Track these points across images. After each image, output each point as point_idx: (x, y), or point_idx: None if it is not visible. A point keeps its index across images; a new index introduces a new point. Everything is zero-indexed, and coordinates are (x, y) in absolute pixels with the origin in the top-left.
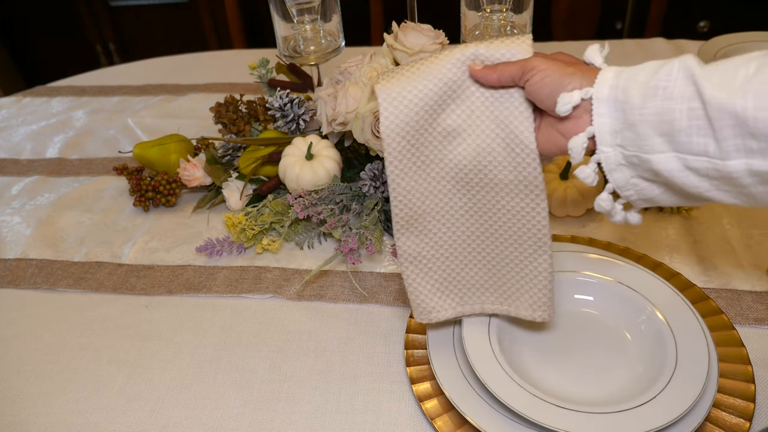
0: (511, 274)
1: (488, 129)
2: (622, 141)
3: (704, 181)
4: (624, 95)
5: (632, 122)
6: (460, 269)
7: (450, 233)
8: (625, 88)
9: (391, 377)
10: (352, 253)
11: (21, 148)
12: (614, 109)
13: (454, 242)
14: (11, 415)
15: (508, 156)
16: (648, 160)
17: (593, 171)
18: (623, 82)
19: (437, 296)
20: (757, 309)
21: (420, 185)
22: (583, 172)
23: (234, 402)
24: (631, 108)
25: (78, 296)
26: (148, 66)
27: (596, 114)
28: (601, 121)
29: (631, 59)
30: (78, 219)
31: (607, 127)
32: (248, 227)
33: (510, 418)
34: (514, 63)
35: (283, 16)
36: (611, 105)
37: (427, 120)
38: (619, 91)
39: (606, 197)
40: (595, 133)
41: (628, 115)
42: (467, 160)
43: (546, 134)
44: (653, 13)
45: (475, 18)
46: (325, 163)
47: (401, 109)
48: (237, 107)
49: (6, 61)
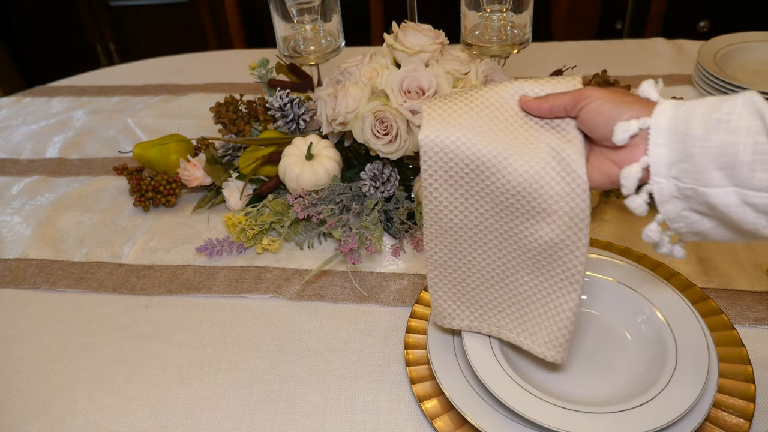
0: (533, 306)
1: (538, 157)
2: (677, 173)
3: (762, 218)
4: (685, 126)
5: (691, 154)
6: (483, 288)
7: (480, 251)
8: (686, 119)
9: (391, 377)
10: (352, 253)
11: (21, 148)
12: (673, 140)
13: (483, 261)
14: (11, 415)
15: (557, 185)
16: (704, 194)
17: (644, 201)
18: (683, 113)
19: (456, 305)
20: (757, 309)
21: (456, 200)
22: (634, 203)
23: (234, 402)
24: (693, 139)
25: (78, 296)
26: (148, 66)
27: (653, 144)
28: (658, 151)
29: (631, 59)
30: (78, 219)
31: (664, 158)
32: (248, 227)
33: (510, 418)
34: (567, 93)
35: (283, 16)
36: (670, 136)
37: (470, 139)
38: (680, 122)
39: (655, 228)
40: (650, 164)
41: (688, 146)
42: (511, 185)
43: (596, 164)
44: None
45: (475, 18)
46: (325, 163)
47: (448, 121)
48: (237, 107)
49: (6, 61)
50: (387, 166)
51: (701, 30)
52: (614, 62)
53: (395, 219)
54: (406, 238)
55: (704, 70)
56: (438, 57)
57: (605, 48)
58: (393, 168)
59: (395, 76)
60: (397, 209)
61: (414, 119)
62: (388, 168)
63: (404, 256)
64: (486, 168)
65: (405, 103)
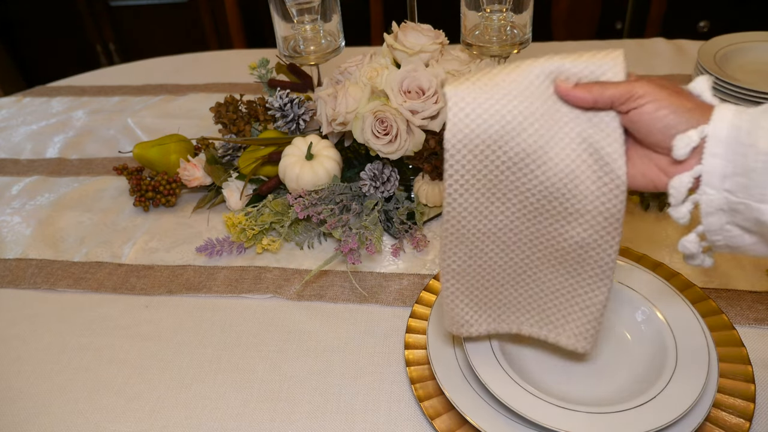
0: (559, 301)
1: (574, 153)
2: (731, 186)
3: None
4: (749, 138)
5: (752, 168)
6: (504, 289)
7: (502, 255)
8: (750, 131)
9: (391, 377)
10: (352, 253)
11: (21, 148)
12: (732, 152)
13: (505, 264)
14: (11, 415)
15: (593, 185)
16: (757, 209)
17: (688, 211)
18: (746, 124)
19: (474, 311)
20: (757, 309)
21: (481, 205)
22: (678, 212)
23: (234, 402)
24: (757, 153)
25: (78, 296)
26: (148, 66)
27: (709, 153)
28: (714, 162)
29: (631, 59)
30: (78, 219)
31: (719, 169)
32: (248, 227)
33: (510, 418)
34: (617, 85)
35: (283, 16)
36: (730, 147)
37: (502, 136)
38: (743, 133)
39: (694, 240)
40: (703, 173)
41: (749, 160)
42: (543, 186)
43: (639, 167)
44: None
45: (475, 18)
46: (325, 163)
47: (473, 118)
48: (237, 107)
49: (6, 61)
50: (387, 166)
51: (701, 30)
52: None
53: (395, 219)
54: (406, 238)
55: (704, 70)
56: (438, 57)
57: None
58: (393, 168)
59: (395, 76)
60: (397, 209)
61: (414, 119)
62: (388, 168)
63: (404, 256)
64: (518, 168)
65: (405, 103)
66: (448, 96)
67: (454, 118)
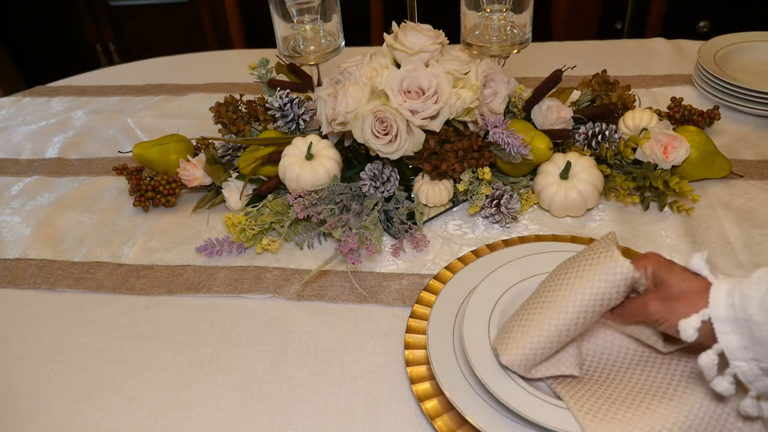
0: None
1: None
2: (755, 355)
3: None
4: (744, 314)
5: (760, 338)
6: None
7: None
8: (743, 306)
9: (391, 377)
10: (352, 253)
11: (21, 148)
12: (738, 327)
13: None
14: (11, 415)
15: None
16: None
17: (730, 383)
18: (738, 300)
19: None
20: None
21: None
22: (720, 386)
23: (234, 402)
24: (756, 325)
25: (78, 296)
26: (148, 66)
27: (720, 333)
28: (728, 338)
29: (631, 59)
30: (78, 219)
31: (736, 343)
32: (248, 227)
33: (510, 418)
34: (636, 304)
35: (283, 16)
36: (733, 324)
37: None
38: (738, 310)
39: (751, 404)
40: (725, 351)
41: (754, 332)
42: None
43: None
44: (653, 13)
45: (475, 18)
46: (325, 163)
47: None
48: (237, 107)
49: (6, 61)
50: (387, 166)
51: (701, 30)
52: (614, 62)
53: (395, 219)
54: (406, 238)
55: (704, 70)
56: (438, 57)
57: (605, 48)
58: (393, 168)
59: (395, 76)
60: (397, 209)
61: (414, 119)
62: (388, 168)
63: (404, 256)
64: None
65: (405, 103)
66: (504, 363)
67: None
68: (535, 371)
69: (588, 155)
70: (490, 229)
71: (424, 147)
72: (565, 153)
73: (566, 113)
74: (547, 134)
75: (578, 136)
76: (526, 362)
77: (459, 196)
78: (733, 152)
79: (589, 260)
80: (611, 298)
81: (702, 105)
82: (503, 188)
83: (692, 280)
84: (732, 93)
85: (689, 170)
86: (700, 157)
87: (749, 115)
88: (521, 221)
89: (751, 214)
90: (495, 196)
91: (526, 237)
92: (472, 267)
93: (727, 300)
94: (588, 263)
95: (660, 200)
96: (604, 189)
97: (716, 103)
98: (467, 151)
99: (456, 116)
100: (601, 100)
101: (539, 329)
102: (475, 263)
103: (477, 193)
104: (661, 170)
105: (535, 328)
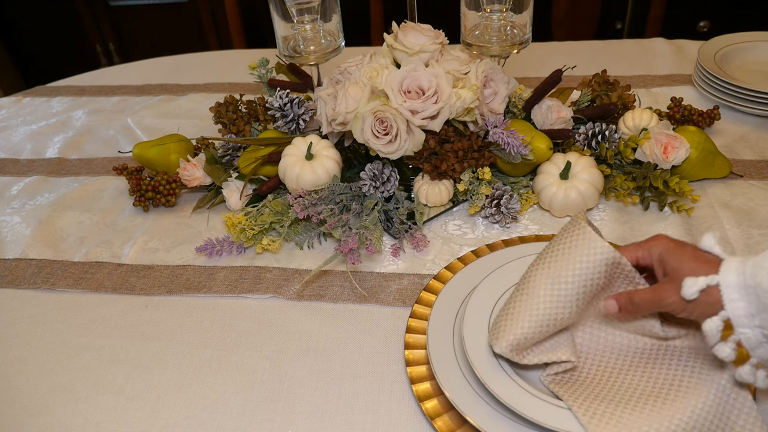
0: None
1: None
2: (761, 322)
3: None
4: (753, 281)
5: (767, 305)
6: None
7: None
8: (753, 274)
9: (391, 377)
10: (352, 253)
11: (21, 148)
12: (746, 294)
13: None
14: (11, 415)
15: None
16: None
17: (732, 350)
18: (750, 269)
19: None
20: None
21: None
22: (723, 352)
23: (234, 402)
24: (765, 293)
25: (78, 296)
26: (148, 66)
27: (728, 299)
28: (735, 305)
29: (631, 59)
30: (78, 219)
31: (743, 311)
32: (248, 227)
33: (510, 418)
34: (650, 297)
35: (283, 16)
36: (742, 291)
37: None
38: (748, 277)
39: (749, 370)
40: (731, 318)
41: (762, 299)
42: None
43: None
44: (653, 13)
45: (475, 18)
46: (325, 163)
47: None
48: (237, 107)
49: (6, 61)
50: (387, 166)
51: (701, 30)
52: (614, 62)
53: (395, 219)
54: (406, 238)
55: (704, 70)
56: (438, 57)
57: (605, 48)
58: (393, 168)
59: (395, 76)
60: (397, 209)
61: (414, 119)
62: (388, 168)
63: (404, 256)
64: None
65: (405, 103)
66: (498, 353)
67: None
68: (529, 357)
69: (588, 155)
70: (490, 229)
71: (424, 147)
72: (565, 153)
73: (566, 113)
74: (547, 134)
75: (578, 136)
76: (517, 346)
77: (459, 196)
78: (733, 152)
79: (568, 242)
80: (593, 279)
81: (702, 105)
82: (503, 188)
83: (704, 259)
84: (732, 93)
85: (689, 170)
86: (700, 157)
87: (749, 115)
88: (521, 221)
89: (751, 214)
90: (495, 196)
91: (526, 237)
92: (472, 267)
93: (738, 267)
94: (567, 245)
95: (660, 200)
96: (604, 189)
97: (716, 103)
98: (467, 151)
99: (456, 116)
100: (601, 100)
101: (527, 315)
102: (475, 263)
103: (477, 193)
104: (661, 170)
105: (522, 315)
